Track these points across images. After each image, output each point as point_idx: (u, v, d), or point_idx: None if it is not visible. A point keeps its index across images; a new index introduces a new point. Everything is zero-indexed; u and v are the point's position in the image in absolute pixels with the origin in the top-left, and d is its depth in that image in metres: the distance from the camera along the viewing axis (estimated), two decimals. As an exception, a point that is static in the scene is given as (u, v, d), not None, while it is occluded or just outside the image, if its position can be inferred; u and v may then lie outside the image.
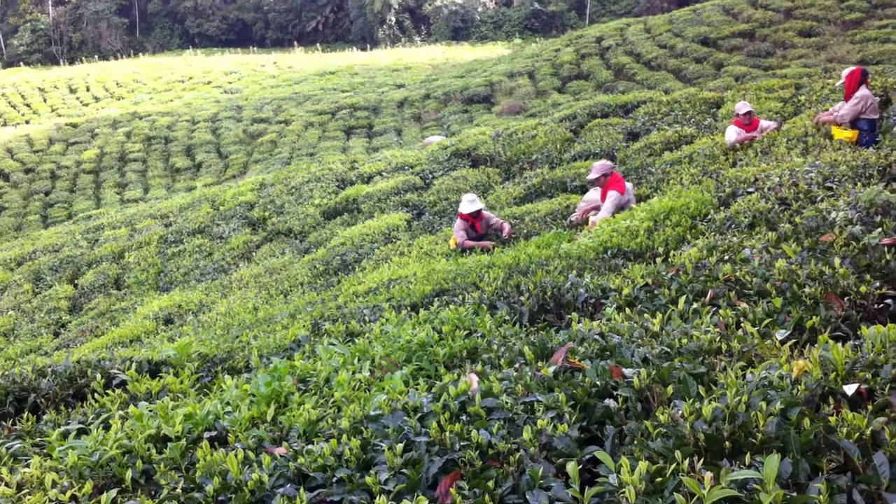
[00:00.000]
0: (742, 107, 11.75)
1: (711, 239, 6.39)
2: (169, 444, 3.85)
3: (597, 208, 10.29)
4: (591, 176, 10.39)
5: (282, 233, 16.68)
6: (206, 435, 4.04)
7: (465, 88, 39.40)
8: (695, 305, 4.32)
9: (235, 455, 3.34)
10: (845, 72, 10.86)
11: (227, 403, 4.44)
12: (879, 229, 4.88)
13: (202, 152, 37.50)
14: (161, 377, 5.68)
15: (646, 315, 4.34)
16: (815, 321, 3.76)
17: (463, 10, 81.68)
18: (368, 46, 76.12)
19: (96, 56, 75.58)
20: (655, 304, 4.71)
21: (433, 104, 38.77)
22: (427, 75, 50.06)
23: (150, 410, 4.45)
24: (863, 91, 10.47)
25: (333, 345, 5.13)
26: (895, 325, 3.12)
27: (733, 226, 6.93)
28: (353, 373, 4.43)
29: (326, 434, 3.51)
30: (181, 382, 5.37)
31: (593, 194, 10.60)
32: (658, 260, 5.97)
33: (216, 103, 46.98)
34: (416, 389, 3.86)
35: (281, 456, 3.28)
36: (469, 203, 10.60)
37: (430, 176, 17.68)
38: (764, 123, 11.68)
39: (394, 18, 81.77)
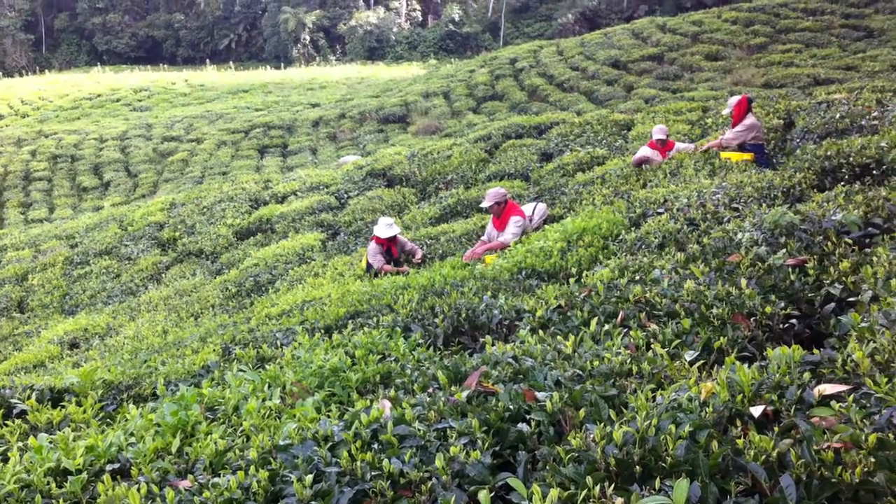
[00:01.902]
0: (658, 132, 11.85)
1: (623, 259, 6.47)
2: (69, 478, 3.69)
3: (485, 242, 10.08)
4: (485, 203, 10.13)
5: (193, 253, 16.34)
6: (109, 468, 3.88)
7: (381, 108, 39.41)
8: (606, 327, 4.35)
9: (138, 489, 3.22)
10: (732, 100, 11.19)
11: (132, 434, 4.28)
12: (784, 250, 4.99)
13: (110, 171, 36.59)
14: (63, 406, 5.47)
15: (559, 337, 4.34)
16: (722, 342, 3.81)
17: (378, 29, 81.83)
18: (283, 65, 75.61)
19: (0, 73, 73.25)
20: (568, 325, 4.73)
21: (348, 123, 38.66)
22: (342, 94, 49.94)
23: (51, 442, 4.27)
24: (750, 119, 10.88)
25: (243, 371, 5.01)
26: (798, 347, 3.19)
27: (644, 246, 7.03)
28: (263, 400, 4.32)
29: (234, 465, 3.41)
30: (84, 412, 5.18)
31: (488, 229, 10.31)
32: (571, 280, 6.01)
33: (125, 121, 46.02)
34: (329, 417, 3.79)
35: (185, 489, 3.16)
36: (386, 227, 10.41)
37: (346, 196, 17.59)
38: (680, 146, 11.88)
39: (308, 37, 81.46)
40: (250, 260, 13.94)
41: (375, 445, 3.14)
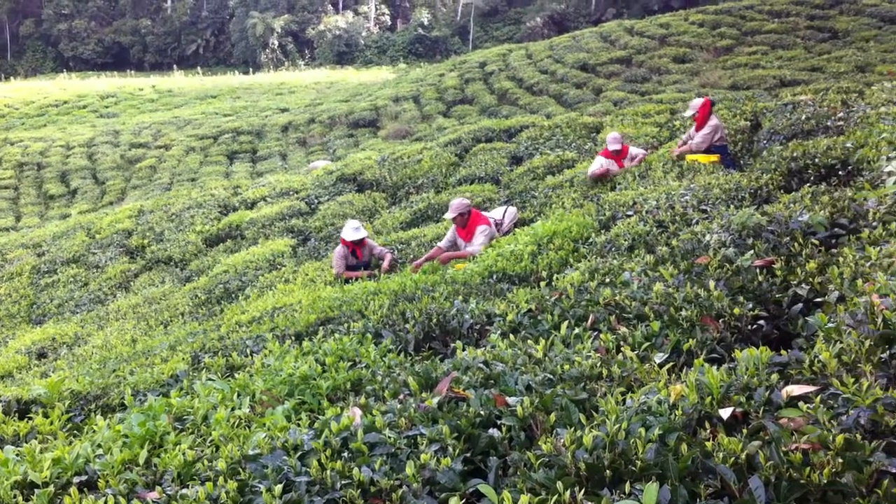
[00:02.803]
0: (612, 142, 11.73)
1: (593, 262, 6.49)
2: (36, 491, 3.64)
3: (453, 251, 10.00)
4: (449, 214, 10.01)
5: (162, 261, 16.18)
6: (76, 480, 3.83)
7: (351, 112, 39.33)
8: (577, 330, 4.35)
9: (105, 502, 3.17)
10: (695, 103, 11.28)
11: (99, 445, 4.22)
12: (752, 251, 5.03)
13: (77, 178, 36.20)
14: (30, 418, 5.39)
15: (530, 341, 4.34)
16: (691, 344, 3.83)
17: (347, 34, 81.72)
18: (251, 70, 75.27)
19: (-36, 80, 72.36)
20: (539, 329, 4.73)
21: (318, 128, 38.55)
22: (312, 99, 49.81)
23: (18, 455, 4.20)
24: (714, 120, 11.04)
25: (212, 380, 4.97)
26: (766, 348, 3.21)
27: (614, 249, 7.05)
28: (233, 409, 4.28)
29: (203, 476, 3.37)
30: (51, 423, 5.10)
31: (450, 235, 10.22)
32: (542, 284, 6.02)
33: (92, 128, 45.59)
34: (299, 425, 3.76)
35: (153, 501, 3.13)
36: (353, 230, 10.32)
37: (316, 201, 17.52)
38: (633, 151, 11.88)
39: (277, 42, 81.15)
40: (220, 267, 13.83)
41: (346, 454, 3.12)
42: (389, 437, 3.13)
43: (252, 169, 33.86)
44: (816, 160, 8.26)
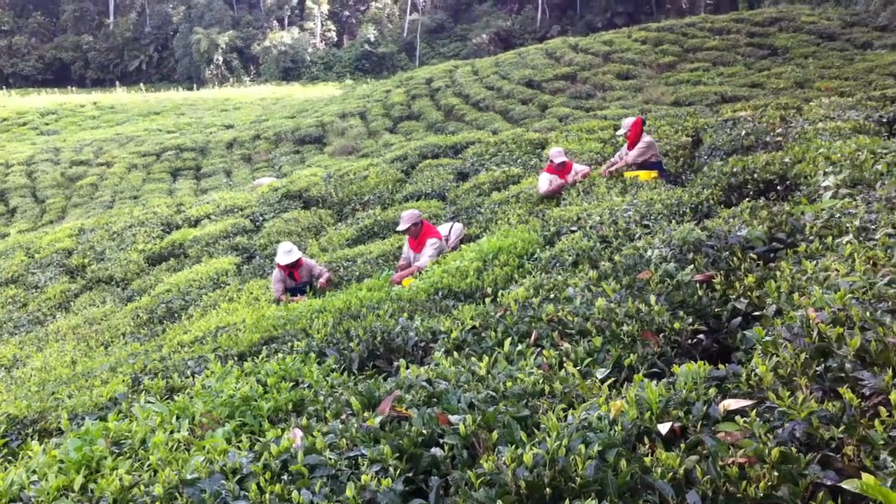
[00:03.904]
0: (556, 155, 11.75)
1: (538, 278, 6.50)
2: (-33, 521, 3.53)
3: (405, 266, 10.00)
4: (401, 226, 9.95)
5: (103, 280, 15.88)
6: (10, 508, 3.72)
7: (297, 129, 39.11)
8: (520, 347, 4.35)
9: (38, 531, 3.09)
10: (628, 121, 11.44)
11: (34, 472, 4.11)
12: (692, 266, 5.08)
13: (16, 197, 35.39)
14: (-37, 444, 5.24)
15: (473, 358, 4.33)
16: (632, 359, 3.85)
17: (293, 50, 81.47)
18: (195, 86, 74.61)
19: None
20: (483, 346, 4.73)
21: (264, 145, 38.25)
22: (257, 115, 49.46)
23: (-52, 483, 4.07)
24: (647, 138, 11.22)
25: (151, 402, 4.87)
26: (704, 362, 3.23)
27: (558, 264, 7.08)
28: (172, 432, 4.20)
29: (139, 502, 3.29)
30: (-15, 450, 4.96)
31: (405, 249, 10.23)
32: (487, 300, 6.01)
33: (32, 145, 44.71)
34: (239, 448, 3.69)
35: (88, 529, 3.05)
36: (285, 254, 10.09)
37: (261, 218, 17.37)
38: (577, 167, 11.95)
39: (221, 58, 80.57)
40: (162, 286, 13.62)
41: (285, 476, 3.07)
42: (330, 459, 3.10)
43: (196, 186, 33.46)
44: (755, 175, 8.41)
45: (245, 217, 17.73)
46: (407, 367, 4.34)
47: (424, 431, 3.27)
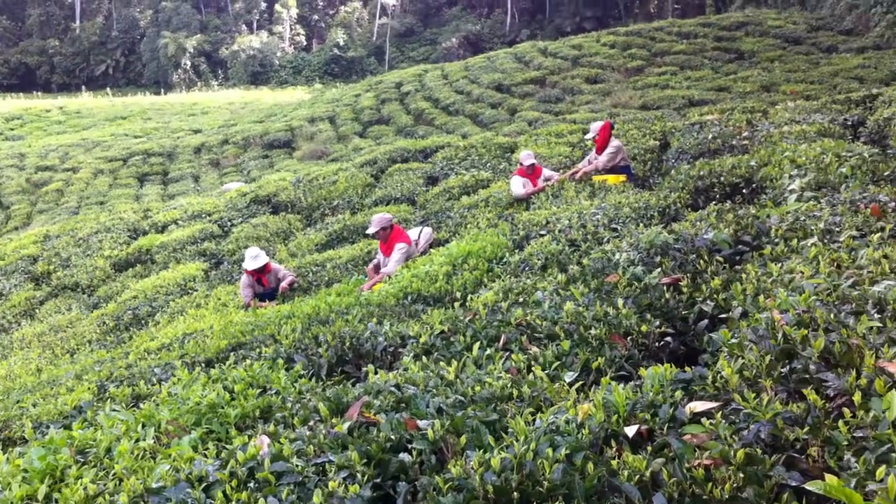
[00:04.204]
0: (526, 158, 11.78)
1: (507, 282, 6.50)
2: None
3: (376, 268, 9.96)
4: (371, 230, 9.91)
5: (68, 287, 15.69)
6: (-28, 519, 3.66)
7: (266, 133, 38.95)
8: (489, 351, 4.35)
9: (0, 542, 3.04)
10: (596, 125, 11.48)
11: (-3, 482, 4.04)
12: (659, 269, 5.11)
13: (-19, 203, 35.01)
14: (-76, 455, 5.14)
15: (442, 363, 4.33)
16: (600, 362, 3.86)
17: (262, 54, 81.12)
18: (162, 90, 74.13)
19: None
20: (452, 350, 4.72)
21: (232, 149, 38.06)
22: (225, 120, 49.22)
23: None
24: (615, 142, 11.25)
25: (116, 410, 4.81)
26: (671, 365, 3.25)
27: (527, 268, 7.08)
28: (137, 440, 4.15)
29: (104, 511, 3.25)
30: (-53, 460, 4.87)
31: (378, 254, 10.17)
32: (456, 304, 6.01)
33: (-4, 150, 44.16)
34: (205, 456, 3.66)
35: (50, 540, 3.00)
36: (252, 259, 10.08)
37: (229, 224, 17.25)
38: (547, 173, 11.96)
39: (189, 62, 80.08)
40: (129, 292, 13.48)
41: (252, 484, 3.04)
42: (297, 466, 3.07)
43: (163, 191, 33.20)
44: (722, 179, 8.48)
45: (213, 222, 17.60)
46: (376, 373, 4.32)
47: (393, 437, 3.25)
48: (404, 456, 3.10)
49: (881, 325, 3.10)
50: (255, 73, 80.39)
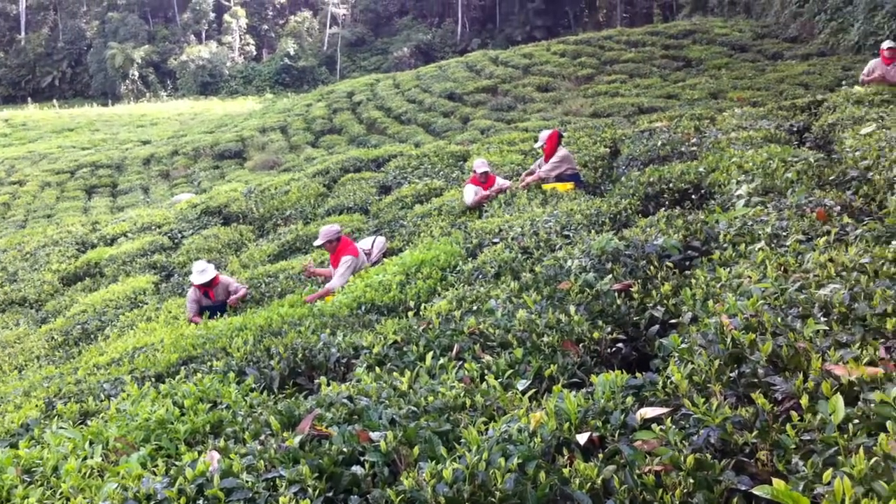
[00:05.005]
0: (480, 165, 11.88)
1: (461, 290, 6.50)
2: None
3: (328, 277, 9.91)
4: (318, 242, 9.89)
5: (15, 302, 15.36)
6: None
7: (216, 144, 38.60)
8: (442, 360, 4.33)
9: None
10: (544, 134, 11.56)
11: (-61, 505, 3.94)
12: (610, 275, 5.14)
13: (-77, 218, 34.17)
14: None
15: (395, 373, 4.30)
16: (553, 369, 3.87)
17: (211, 64, 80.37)
18: (110, 102, 73.06)
19: None
20: (405, 361, 4.69)
21: (182, 160, 37.64)
22: (175, 131, 48.67)
23: None
24: (563, 151, 11.32)
25: (63, 428, 4.71)
26: (622, 371, 3.26)
27: (481, 276, 7.09)
28: (85, 458, 4.06)
29: (49, 533, 3.18)
30: None
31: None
32: (410, 314, 5.99)
33: (-60, 165, 43.17)
34: (154, 473, 3.59)
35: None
36: (199, 273, 9.99)
37: (180, 235, 17.06)
38: (499, 181, 12.03)
39: (137, 73, 79.08)
40: (78, 306, 13.26)
41: (201, 501, 2.99)
42: (248, 482, 3.02)
43: (112, 204, 32.70)
44: (671, 185, 8.57)
45: (163, 234, 17.39)
46: (328, 384, 4.29)
47: (345, 449, 3.22)
48: (356, 469, 3.07)
49: (827, 328, 3.15)
50: (204, 84, 79.61)
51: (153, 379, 6.33)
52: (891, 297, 3.24)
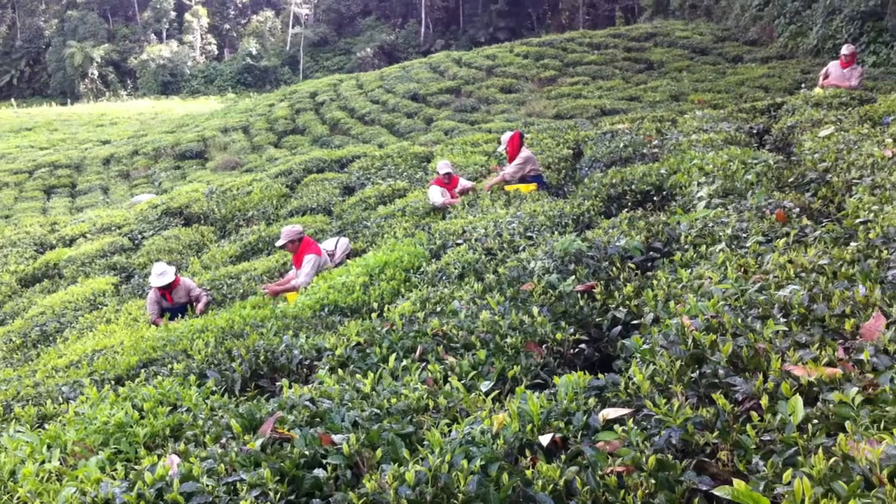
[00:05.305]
0: (443, 167, 11.91)
1: (424, 291, 6.49)
2: None
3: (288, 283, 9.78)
4: (280, 242, 9.79)
5: (-28, 304, 15.13)
6: None
7: (177, 144, 38.21)
8: (405, 362, 4.32)
9: None
10: (505, 137, 11.59)
11: None
12: (573, 277, 5.16)
13: None
14: None
15: (358, 375, 4.28)
16: (516, 370, 3.87)
17: (172, 63, 79.65)
18: (70, 101, 72.13)
19: None
20: (368, 362, 4.67)
21: (143, 161, 37.22)
22: (135, 131, 48.14)
23: None
24: (525, 152, 11.35)
25: (20, 431, 4.63)
26: (584, 372, 3.27)
27: (444, 277, 7.09)
28: (42, 462, 3.99)
29: (4, 539, 3.12)
30: None
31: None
32: (373, 315, 5.96)
33: None
34: (113, 477, 3.54)
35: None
36: (158, 276, 9.88)
37: (140, 237, 16.87)
38: (463, 182, 12.04)
39: (97, 72, 78.19)
40: (36, 308, 13.05)
41: (161, 506, 2.95)
42: (208, 486, 2.99)
43: (71, 204, 32.25)
44: (633, 186, 8.62)
45: (123, 235, 17.19)
46: (290, 387, 4.25)
47: (307, 452, 3.20)
48: (319, 472, 3.04)
49: (787, 328, 3.18)
50: (165, 83, 78.88)
51: (112, 382, 6.25)
52: (849, 299, 3.28)
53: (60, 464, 4.02)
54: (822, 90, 13.81)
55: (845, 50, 14.23)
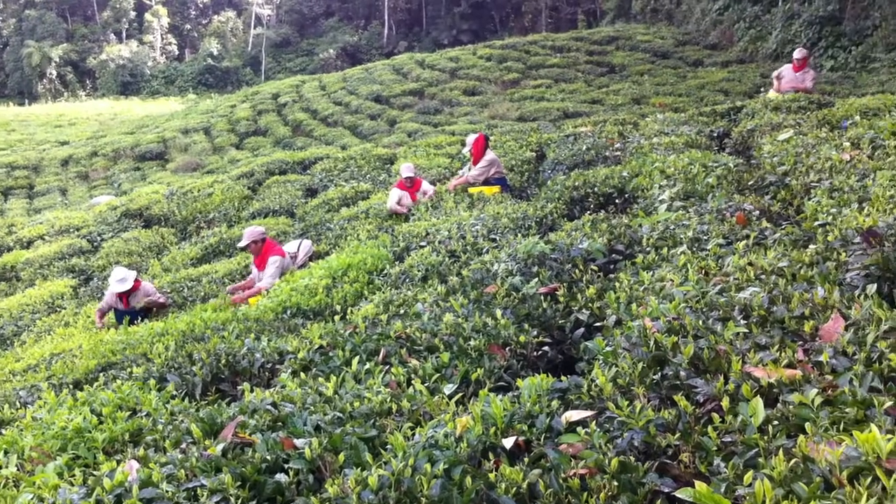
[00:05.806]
0: (406, 170, 11.84)
1: (388, 294, 6.48)
2: None
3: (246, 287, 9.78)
4: (242, 243, 9.71)
5: (-74, 308, 14.83)
6: None
7: (137, 145, 37.81)
8: (368, 365, 4.31)
9: None
10: (470, 139, 11.59)
11: None
12: (537, 279, 5.17)
13: None
14: None
15: (321, 379, 4.25)
16: (479, 373, 3.87)
17: (132, 63, 78.85)
18: (27, 101, 71.07)
19: None
20: (331, 366, 4.64)
21: (102, 162, 36.76)
22: (94, 131, 47.55)
23: None
24: (490, 154, 11.36)
25: (-25, 438, 4.55)
26: (547, 375, 3.28)
27: (408, 280, 7.07)
28: (-2, 469, 3.93)
29: (-42, 548, 3.06)
30: None
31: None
32: (337, 318, 5.93)
33: None
34: (72, 483, 3.49)
35: None
36: (118, 282, 9.73)
37: (99, 238, 16.64)
38: (426, 185, 12.02)
39: (55, 72, 77.16)
40: (-8, 312, 12.84)
41: (120, 512, 2.91)
42: (167, 492, 2.95)
43: (29, 206, 31.74)
44: (596, 189, 8.68)
45: (82, 237, 16.94)
46: (252, 391, 4.22)
47: (269, 457, 3.17)
48: (280, 477, 3.02)
49: (747, 330, 3.21)
50: (125, 84, 78.05)
51: (71, 386, 6.16)
52: (808, 301, 3.32)
53: (17, 470, 3.95)
54: (778, 94, 14.03)
55: (797, 54, 14.54)
